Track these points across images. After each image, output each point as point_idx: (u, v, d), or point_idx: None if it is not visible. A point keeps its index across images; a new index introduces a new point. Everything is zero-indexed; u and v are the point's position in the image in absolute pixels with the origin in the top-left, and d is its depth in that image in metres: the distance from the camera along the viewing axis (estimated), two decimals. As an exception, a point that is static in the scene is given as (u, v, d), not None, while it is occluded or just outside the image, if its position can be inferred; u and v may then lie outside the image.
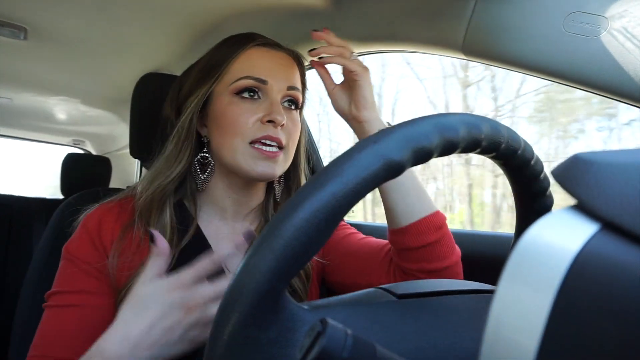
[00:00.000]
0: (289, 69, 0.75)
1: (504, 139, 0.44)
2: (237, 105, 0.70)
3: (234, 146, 0.69)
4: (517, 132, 0.45)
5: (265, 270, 0.30)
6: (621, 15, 0.59)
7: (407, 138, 0.34)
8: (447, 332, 0.37)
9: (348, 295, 0.39)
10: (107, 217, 0.70)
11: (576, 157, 0.25)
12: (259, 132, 0.69)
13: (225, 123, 0.70)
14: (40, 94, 1.74)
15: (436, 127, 0.36)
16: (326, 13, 0.94)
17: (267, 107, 0.70)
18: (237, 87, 0.71)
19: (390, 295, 0.39)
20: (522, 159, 0.46)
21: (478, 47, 0.74)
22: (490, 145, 0.42)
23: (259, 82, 0.71)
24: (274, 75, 0.72)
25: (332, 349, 0.26)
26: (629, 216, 0.21)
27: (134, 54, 1.28)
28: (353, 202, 0.32)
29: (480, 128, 0.41)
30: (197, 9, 1.00)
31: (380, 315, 0.36)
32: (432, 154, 0.36)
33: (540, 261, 0.22)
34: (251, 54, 0.73)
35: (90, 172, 1.88)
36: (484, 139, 0.41)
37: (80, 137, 2.59)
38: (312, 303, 0.36)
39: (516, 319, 0.22)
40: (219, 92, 0.73)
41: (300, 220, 0.30)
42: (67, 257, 0.67)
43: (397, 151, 0.33)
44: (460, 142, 0.38)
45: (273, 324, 0.32)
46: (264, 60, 0.73)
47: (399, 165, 0.33)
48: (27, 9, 1.02)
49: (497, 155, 0.45)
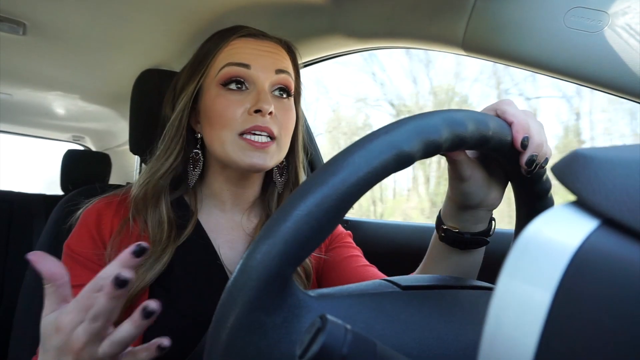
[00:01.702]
0: (275, 54, 0.74)
1: (510, 137, 0.44)
2: (224, 97, 0.70)
3: (223, 139, 0.69)
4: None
5: (274, 253, 0.30)
6: (622, 10, 0.59)
7: (417, 130, 0.35)
8: (450, 324, 0.37)
9: (354, 286, 0.39)
10: (106, 211, 0.70)
11: (576, 152, 0.25)
12: (247, 123, 0.68)
13: (214, 116, 0.70)
14: (39, 89, 1.74)
15: (446, 122, 0.37)
16: (326, 9, 0.94)
17: (254, 96, 0.70)
18: (222, 77, 0.70)
19: (394, 287, 0.39)
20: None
21: (478, 43, 0.74)
22: (497, 143, 0.43)
23: (242, 67, 0.70)
24: (258, 61, 0.71)
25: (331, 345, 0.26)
26: (628, 212, 0.21)
27: (134, 50, 1.27)
28: (363, 191, 0.32)
29: (488, 125, 0.41)
30: (196, 4, 1.00)
31: (385, 305, 0.36)
32: (440, 148, 0.37)
33: (540, 257, 0.22)
34: (235, 44, 0.72)
35: (90, 168, 1.88)
36: (491, 136, 0.41)
37: (79, 133, 2.59)
38: (318, 291, 0.36)
39: (516, 315, 0.22)
40: (207, 86, 0.73)
41: (310, 206, 0.31)
42: (67, 253, 0.68)
43: (408, 142, 0.34)
44: (468, 138, 0.38)
45: (279, 308, 0.32)
46: (246, 48, 0.72)
47: (409, 156, 0.34)
48: (26, 4, 1.02)
49: (503, 153, 0.45)
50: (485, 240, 0.58)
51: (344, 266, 0.79)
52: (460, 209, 0.56)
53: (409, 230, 1.27)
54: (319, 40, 1.06)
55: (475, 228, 0.57)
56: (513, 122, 0.44)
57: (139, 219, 0.70)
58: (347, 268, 0.78)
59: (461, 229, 0.57)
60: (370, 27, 0.93)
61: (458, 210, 0.56)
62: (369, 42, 0.98)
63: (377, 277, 0.73)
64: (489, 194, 0.54)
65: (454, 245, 0.58)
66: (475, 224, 0.57)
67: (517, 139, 0.44)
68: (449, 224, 0.58)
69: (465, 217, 0.56)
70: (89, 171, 1.86)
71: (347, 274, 0.77)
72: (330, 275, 0.80)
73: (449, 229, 0.57)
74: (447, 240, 0.58)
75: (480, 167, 0.53)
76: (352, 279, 0.76)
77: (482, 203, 0.54)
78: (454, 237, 0.57)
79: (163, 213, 0.70)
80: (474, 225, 0.57)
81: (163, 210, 0.70)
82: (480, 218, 0.56)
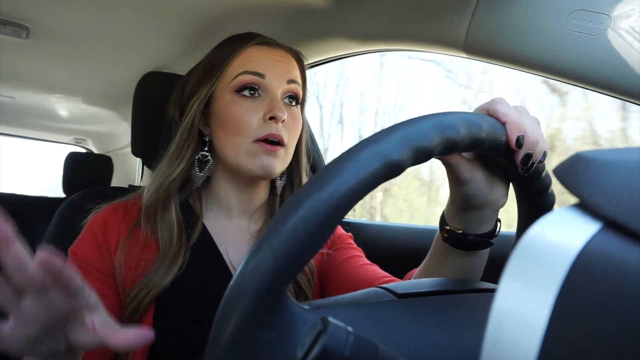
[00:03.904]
0: (287, 64, 0.75)
1: (504, 137, 0.44)
2: (238, 104, 0.71)
3: (238, 144, 0.70)
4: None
5: (265, 270, 0.30)
6: (624, 13, 0.59)
7: (406, 138, 0.34)
8: (447, 332, 0.37)
9: (349, 295, 0.39)
10: (113, 217, 0.70)
11: (578, 155, 0.25)
12: (262, 130, 0.69)
13: (228, 122, 0.70)
14: (42, 92, 1.74)
15: (435, 126, 0.36)
16: (327, 11, 0.94)
17: (268, 104, 0.71)
18: (237, 84, 0.71)
19: (390, 295, 0.39)
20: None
21: (480, 46, 0.74)
22: (492, 144, 0.42)
23: (257, 76, 0.71)
24: (272, 70, 0.73)
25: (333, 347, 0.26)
26: (630, 214, 0.21)
27: (136, 53, 1.28)
28: (353, 202, 0.32)
29: (481, 126, 0.41)
30: (198, 7, 1.00)
31: (381, 315, 0.36)
32: (432, 153, 0.36)
33: (542, 260, 0.22)
34: (250, 52, 0.73)
35: (92, 170, 1.88)
36: (485, 137, 0.41)
37: (82, 136, 2.59)
38: (313, 303, 0.36)
39: (518, 318, 0.22)
40: (220, 92, 0.73)
41: (299, 220, 0.30)
42: (70, 259, 0.68)
43: (397, 151, 0.33)
44: (460, 141, 0.38)
45: (274, 324, 0.32)
46: (261, 57, 0.73)
47: (399, 164, 0.33)
48: (29, 8, 1.03)
49: (499, 153, 0.45)
50: (489, 242, 0.56)
51: (344, 266, 0.79)
52: (463, 209, 0.55)
53: (411, 233, 1.27)
54: (320, 43, 1.06)
55: (480, 229, 0.55)
56: (506, 121, 0.43)
57: (148, 223, 0.70)
58: (348, 268, 0.78)
59: (465, 230, 0.55)
60: (371, 29, 0.93)
61: (461, 211, 0.55)
62: (371, 44, 0.98)
63: (378, 276, 0.74)
64: (492, 193, 0.52)
65: (457, 247, 0.56)
66: (480, 224, 0.55)
67: (512, 138, 0.43)
68: (453, 224, 0.56)
69: (469, 218, 0.55)
70: (91, 174, 1.86)
71: (349, 274, 0.77)
72: (331, 276, 0.80)
73: (452, 229, 0.56)
74: (450, 241, 0.56)
75: (480, 167, 0.51)
76: (353, 278, 0.76)
77: (486, 203, 0.53)
78: (457, 238, 0.55)
79: (172, 216, 0.70)
80: (478, 226, 0.55)
81: (172, 213, 0.71)
82: (486, 218, 0.55)
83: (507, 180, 0.53)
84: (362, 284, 0.74)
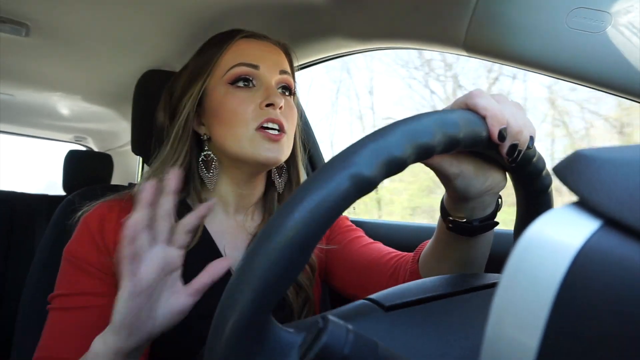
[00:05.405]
0: (277, 55, 0.77)
1: (485, 132, 0.42)
2: (233, 95, 0.71)
3: (239, 135, 0.69)
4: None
5: (243, 303, 0.29)
6: (625, 10, 0.59)
7: (376, 152, 0.33)
8: (437, 342, 0.36)
9: (335, 312, 0.38)
10: (109, 216, 0.69)
11: (577, 153, 0.25)
12: (260, 116, 0.70)
13: (225, 114, 0.70)
14: (41, 90, 1.74)
15: (406, 135, 0.34)
16: (326, 9, 0.94)
17: (263, 92, 0.71)
18: (231, 76, 0.72)
19: (377, 308, 0.39)
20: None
21: (480, 44, 0.74)
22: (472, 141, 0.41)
23: (251, 67, 0.72)
24: (265, 61, 0.73)
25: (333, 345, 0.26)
26: (630, 212, 0.21)
27: (136, 51, 1.28)
28: (327, 225, 0.31)
29: (458, 125, 0.39)
30: (198, 5, 1.00)
31: (368, 330, 0.35)
32: (405, 164, 0.35)
33: (542, 258, 0.22)
34: (240, 45, 0.74)
35: (92, 168, 1.88)
36: (464, 137, 0.39)
37: (82, 134, 2.59)
38: (299, 324, 0.35)
39: (518, 316, 0.22)
40: (213, 86, 0.73)
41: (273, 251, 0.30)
42: (67, 258, 0.67)
43: (367, 167, 0.32)
44: (436, 145, 0.37)
45: (260, 353, 0.31)
46: (253, 49, 0.74)
47: (370, 181, 0.32)
48: (28, 6, 1.02)
49: (482, 149, 0.44)
50: (495, 222, 0.55)
51: (348, 250, 0.79)
52: (462, 200, 0.53)
53: (410, 230, 1.27)
54: (319, 42, 1.06)
55: (484, 213, 0.54)
56: (486, 115, 0.41)
57: None
58: (352, 251, 0.79)
59: (468, 218, 0.54)
60: (370, 28, 0.93)
61: (461, 202, 0.53)
62: (370, 43, 0.98)
63: (383, 253, 0.75)
64: (487, 181, 0.50)
65: (463, 234, 0.55)
66: (483, 210, 0.53)
67: (494, 132, 0.41)
68: (455, 215, 0.55)
69: (470, 207, 0.53)
70: (91, 172, 1.86)
71: (354, 257, 0.78)
72: (336, 263, 0.80)
73: (456, 220, 0.54)
74: (456, 231, 0.55)
75: (468, 159, 0.49)
76: (360, 260, 0.77)
77: (483, 191, 0.51)
78: (462, 227, 0.54)
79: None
80: (482, 212, 0.53)
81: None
82: (488, 203, 0.53)
83: (501, 166, 0.51)
84: (369, 265, 0.75)
